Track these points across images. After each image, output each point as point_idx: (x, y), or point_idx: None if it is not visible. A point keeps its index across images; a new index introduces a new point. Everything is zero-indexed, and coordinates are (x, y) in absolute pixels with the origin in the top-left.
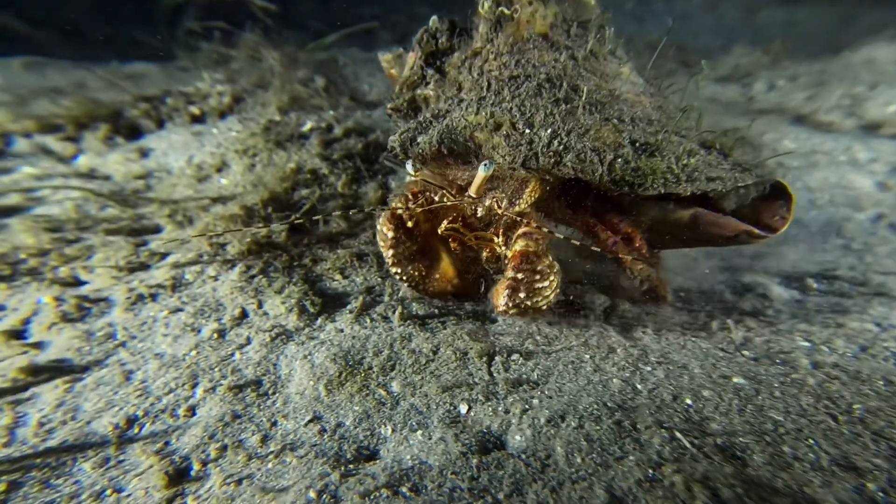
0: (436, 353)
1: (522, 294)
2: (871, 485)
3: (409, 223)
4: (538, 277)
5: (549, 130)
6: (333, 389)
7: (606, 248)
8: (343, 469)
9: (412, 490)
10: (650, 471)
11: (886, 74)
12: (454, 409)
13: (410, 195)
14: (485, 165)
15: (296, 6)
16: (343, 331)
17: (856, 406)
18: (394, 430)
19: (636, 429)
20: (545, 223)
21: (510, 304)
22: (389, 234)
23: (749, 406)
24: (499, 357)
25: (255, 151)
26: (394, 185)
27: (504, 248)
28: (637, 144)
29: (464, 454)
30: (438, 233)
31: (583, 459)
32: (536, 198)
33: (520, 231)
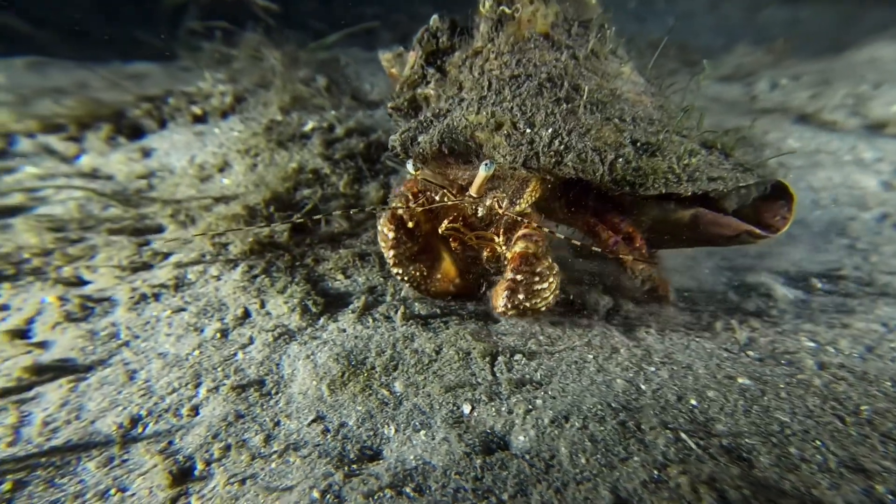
0: (439, 353)
1: (521, 295)
2: (880, 487)
3: (410, 224)
4: (537, 279)
5: (550, 130)
6: (336, 389)
7: (607, 248)
8: (346, 469)
9: (416, 490)
10: (655, 472)
11: (890, 73)
12: (457, 410)
13: (411, 195)
14: (486, 165)
15: (297, 6)
16: (346, 331)
17: (863, 407)
18: (397, 431)
19: (641, 429)
20: (546, 223)
21: (509, 306)
22: (390, 235)
23: (755, 407)
24: (502, 357)
25: (257, 151)
26: (395, 185)
27: (504, 249)
28: (638, 144)
29: (467, 454)
30: (439, 233)
31: (587, 460)
32: (537, 197)
33: (520, 232)
